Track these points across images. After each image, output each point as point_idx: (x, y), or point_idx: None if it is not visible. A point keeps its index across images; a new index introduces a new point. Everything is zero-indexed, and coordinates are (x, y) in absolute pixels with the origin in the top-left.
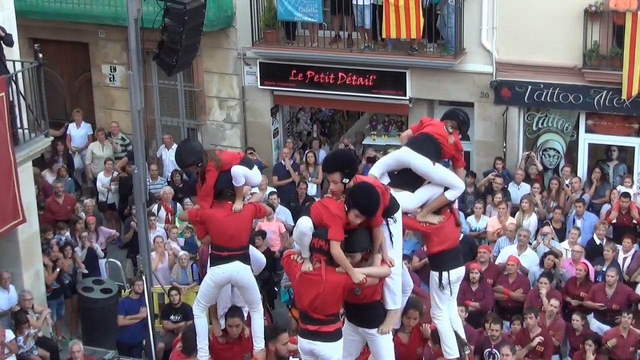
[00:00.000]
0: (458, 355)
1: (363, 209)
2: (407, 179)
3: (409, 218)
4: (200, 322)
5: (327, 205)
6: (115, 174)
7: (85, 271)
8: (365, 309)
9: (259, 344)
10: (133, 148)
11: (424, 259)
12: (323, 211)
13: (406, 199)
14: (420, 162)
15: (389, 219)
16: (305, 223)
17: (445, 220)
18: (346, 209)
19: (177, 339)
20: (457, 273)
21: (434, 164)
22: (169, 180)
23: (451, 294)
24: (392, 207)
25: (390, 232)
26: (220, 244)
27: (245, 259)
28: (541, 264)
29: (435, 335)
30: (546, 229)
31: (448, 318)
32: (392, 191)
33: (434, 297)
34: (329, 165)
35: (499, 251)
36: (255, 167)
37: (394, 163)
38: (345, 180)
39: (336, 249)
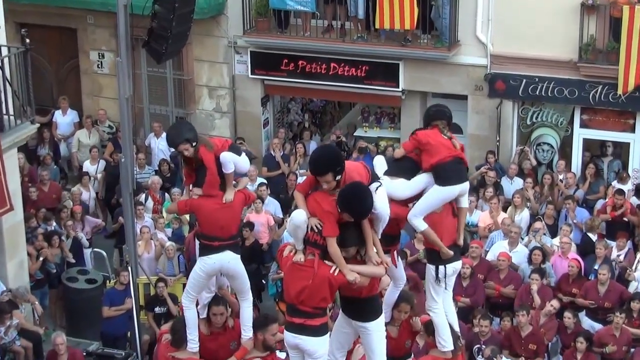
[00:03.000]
0: (453, 348)
1: (354, 214)
2: (403, 166)
3: (405, 209)
4: (190, 313)
5: (319, 202)
6: (102, 162)
7: (73, 260)
8: (361, 303)
9: (247, 332)
10: (121, 136)
11: (415, 254)
12: (316, 207)
13: (401, 187)
14: (396, 189)
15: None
16: (299, 216)
17: (444, 213)
18: (339, 210)
19: (162, 331)
20: (454, 266)
21: (409, 179)
22: (156, 169)
23: (447, 288)
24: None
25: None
26: (211, 233)
27: (236, 248)
28: (529, 260)
29: (430, 327)
30: (537, 224)
31: (444, 311)
32: (387, 179)
33: (430, 290)
34: (319, 169)
35: (491, 246)
36: (244, 154)
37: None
38: (338, 177)
39: (333, 247)
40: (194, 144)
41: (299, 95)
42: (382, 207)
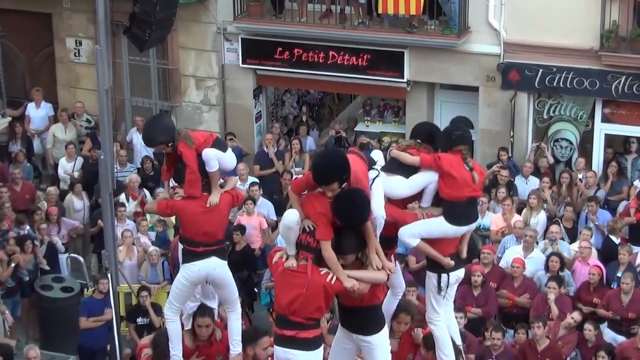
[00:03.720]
0: None
1: (347, 223)
2: (402, 163)
3: (401, 211)
4: (173, 326)
5: (313, 203)
6: (79, 159)
7: (47, 267)
8: (362, 314)
9: (235, 347)
10: (100, 131)
11: (421, 260)
12: (309, 208)
13: (398, 186)
14: (393, 187)
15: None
16: (291, 216)
17: None
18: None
19: (142, 345)
20: (457, 275)
21: (407, 177)
22: (139, 167)
23: (448, 297)
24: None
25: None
26: (195, 238)
27: (223, 253)
28: (546, 267)
29: (429, 341)
30: (554, 228)
31: (445, 323)
32: (384, 175)
33: (431, 300)
34: (324, 179)
35: (504, 252)
36: (230, 150)
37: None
38: (344, 185)
39: (327, 251)
40: (170, 144)
41: (295, 87)
42: (377, 207)
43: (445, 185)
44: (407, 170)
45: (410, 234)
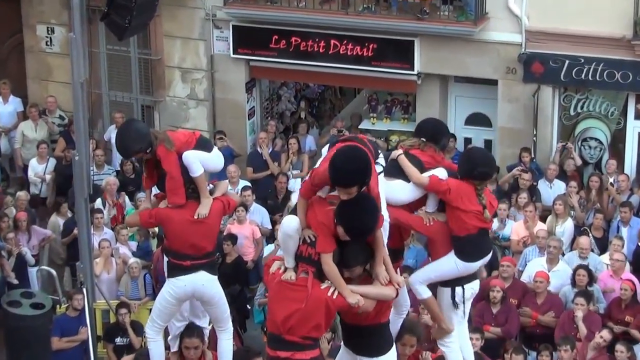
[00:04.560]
0: None
1: (349, 231)
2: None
3: (406, 213)
4: (155, 347)
5: (315, 211)
6: (52, 161)
7: (15, 281)
8: (367, 333)
9: None
10: (74, 129)
11: None
12: (311, 216)
13: (399, 191)
14: (394, 192)
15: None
16: (290, 223)
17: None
18: (335, 221)
19: None
20: (472, 288)
21: (409, 181)
22: (118, 169)
23: (464, 315)
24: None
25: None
26: (181, 251)
27: (212, 267)
28: (573, 281)
29: None
30: (583, 241)
31: (458, 345)
32: (384, 179)
33: (446, 318)
34: (349, 180)
35: (526, 264)
36: (216, 149)
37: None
38: (363, 189)
39: (328, 264)
40: (148, 150)
41: (292, 80)
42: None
43: (452, 219)
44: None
45: (420, 280)
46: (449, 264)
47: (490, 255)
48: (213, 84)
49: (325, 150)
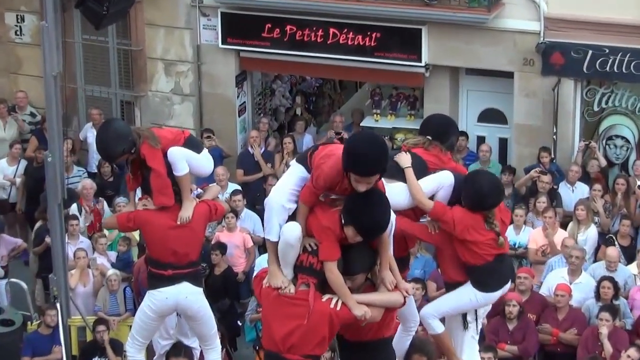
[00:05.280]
0: None
1: (363, 229)
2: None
3: (409, 221)
4: None
5: (317, 215)
6: (23, 162)
7: None
8: (368, 350)
9: None
10: (47, 127)
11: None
12: (313, 222)
13: (400, 194)
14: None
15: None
16: (292, 231)
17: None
18: (342, 221)
19: None
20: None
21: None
22: (95, 171)
23: (476, 332)
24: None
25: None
26: (162, 259)
27: (196, 278)
28: (597, 295)
29: None
30: (611, 252)
31: None
32: (384, 181)
33: (455, 336)
34: (373, 168)
35: (546, 276)
36: (206, 152)
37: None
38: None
39: (333, 273)
40: (132, 150)
41: (287, 72)
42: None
43: (463, 250)
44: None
45: (433, 313)
46: (467, 296)
47: (511, 282)
48: (200, 77)
49: (294, 165)
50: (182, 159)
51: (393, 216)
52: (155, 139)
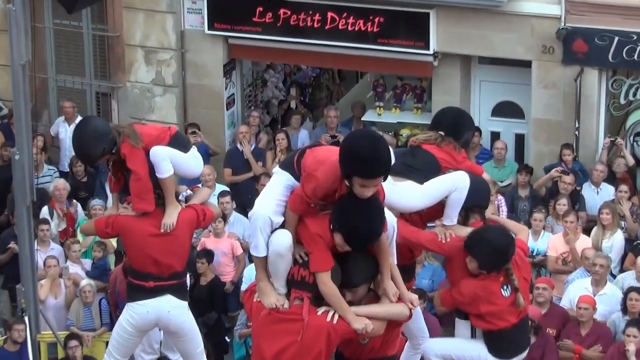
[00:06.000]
0: None
1: (351, 237)
2: (416, 162)
3: (414, 229)
4: None
5: (307, 223)
6: None
7: None
8: None
9: None
10: (14, 121)
11: None
12: (302, 230)
13: (409, 194)
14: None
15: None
16: (283, 239)
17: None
18: (331, 227)
19: None
20: None
21: (422, 182)
22: (67, 170)
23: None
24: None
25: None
26: (143, 269)
27: (181, 291)
28: (624, 308)
29: None
30: None
31: None
32: (392, 181)
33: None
34: (381, 167)
35: (568, 287)
36: (194, 150)
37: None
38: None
39: (326, 285)
40: (113, 150)
41: (281, 61)
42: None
43: (477, 320)
44: (422, 172)
45: (439, 353)
46: (476, 352)
47: (527, 350)
48: (184, 66)
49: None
50: (166, 159)
51: (393, 219)
52: (136, 137)
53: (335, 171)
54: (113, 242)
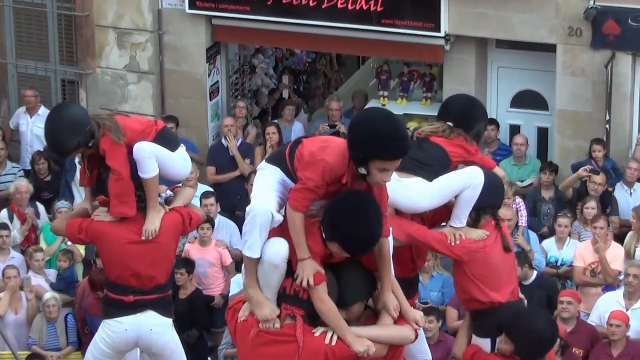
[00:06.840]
0: None
1: (348, 244)
2: (425, 157)
3: (422, 227)
4: None
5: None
6: None
7: None
8: None
9: None
10: None
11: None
12: (287, 236)
13: (416, 191)
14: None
15: None
16: (278, 249)
17: (489, 239)
18: (323, 235)
19: None
20: None
21: (431, 180)
22: (27, 168)
23: None
24: None
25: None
26: (121, 281)
27: (165, 307)
28: None
29: None
30: None
31: None
32: (397, 177)
33: None
34: (404, 146)
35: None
36: (182, 149)
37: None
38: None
39: (322, 300)
40: (90, 143)
41: (271, 45)
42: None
43: None
44: (432, 167)
45: None
46: None
47: None
48: (161, 50)
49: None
50: (151, 157)
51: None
52: (119, 131)
53: (343, 152)
54: (81, 249)
